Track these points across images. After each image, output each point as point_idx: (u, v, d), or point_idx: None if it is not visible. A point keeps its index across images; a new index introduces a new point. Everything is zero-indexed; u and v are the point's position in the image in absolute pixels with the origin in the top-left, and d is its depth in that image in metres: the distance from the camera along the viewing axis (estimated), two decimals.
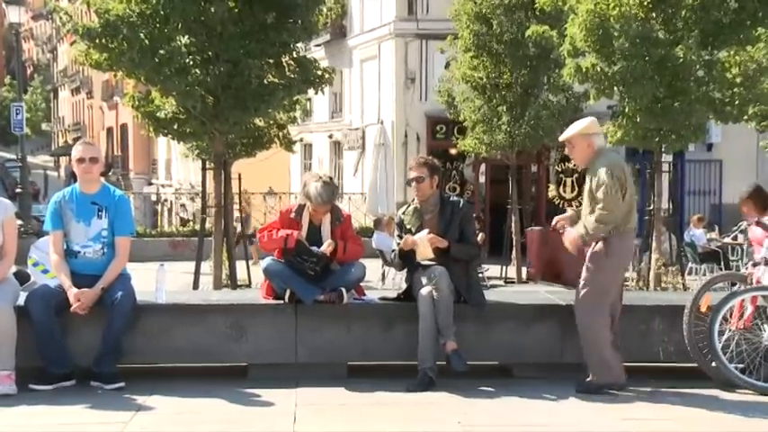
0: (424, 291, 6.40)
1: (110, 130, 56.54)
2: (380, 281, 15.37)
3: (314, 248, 6.51)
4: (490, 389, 6.36)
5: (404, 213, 6.82)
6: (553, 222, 6.58)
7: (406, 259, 6.73)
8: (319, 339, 6.57)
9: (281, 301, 6.58)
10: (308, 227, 6.66)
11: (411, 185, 6.70)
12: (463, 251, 6.59)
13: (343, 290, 6.52)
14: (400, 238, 6.70)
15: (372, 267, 11.54)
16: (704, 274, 15.97)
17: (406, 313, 6.54)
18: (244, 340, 6.53)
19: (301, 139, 17.92)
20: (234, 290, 12.72)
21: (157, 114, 12.46)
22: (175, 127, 12.57)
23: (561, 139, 6.46)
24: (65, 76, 70.88)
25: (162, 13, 11.53)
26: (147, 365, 6.65)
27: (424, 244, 6.47)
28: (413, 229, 6.67)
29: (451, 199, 6.80)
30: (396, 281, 14.12)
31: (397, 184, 21.11)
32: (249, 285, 14.50)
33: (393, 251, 6.83)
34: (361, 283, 6.87)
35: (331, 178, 6.80)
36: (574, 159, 6.46)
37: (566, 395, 6.19)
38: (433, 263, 6.52)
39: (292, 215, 6.69)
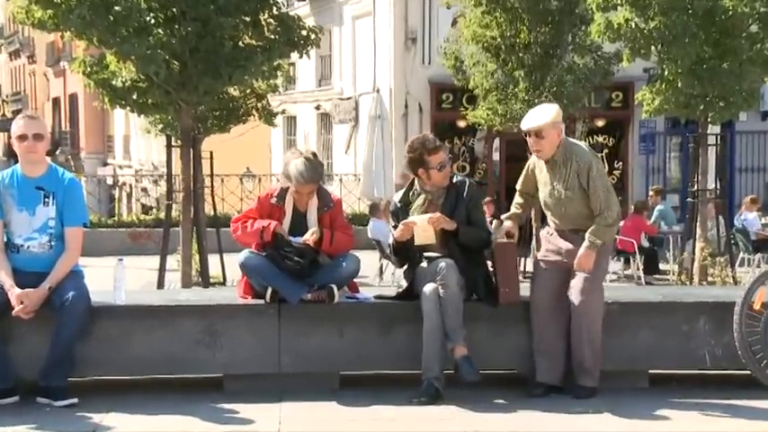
0: (429, 287, 6.41)
1: (56, 102, 56.47)
2: (378, 276, 15.43)
3: (297, 239, 6.53)
4: (505, 401, 6.39)
5: (401, 200, 6.78)
6: (505, 232, 6.77)
7: (404, 254, 6.74)
8: (306, 345, 6.60)
9: (262, 301, 6.60)
10: (291, 214, 6.69)
11: (441, 170, 6.64)
12: (472, 236, 6.60)
13: (334, 287, 6.53)
14: (396, 229, 6.69)
15: (368, 260, 11.63)
16: (758, 266, 16.03)
17: (407, 314, 6.56)
18: (218, 347, 6.55)
19: (283, 111, 17.92)
20: (206, 288, 12.76)
21: (113, 82, 12.45)
22: (135, 97, 12.56)
23: (528, 128, 6.56)
24: (1, 36, 70.75)
25: None
26: (103, 378, 6.66)
27: (424, 227, 6.46)
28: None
29: (457, 179, 6.80)
30: (395, 276, 14.16)
31: (396, 162, 21.11)
32: (223, 283, 14.55)
33: (390, 245, 6.85)
34: (355, 279, 6.89)
35: (314, 154, 6.82)
36: (540, 151, 6.59)
37: (593, 408, 6.23)
38: (439, 255, 6.54)
39: (273, 200, 6.71)
